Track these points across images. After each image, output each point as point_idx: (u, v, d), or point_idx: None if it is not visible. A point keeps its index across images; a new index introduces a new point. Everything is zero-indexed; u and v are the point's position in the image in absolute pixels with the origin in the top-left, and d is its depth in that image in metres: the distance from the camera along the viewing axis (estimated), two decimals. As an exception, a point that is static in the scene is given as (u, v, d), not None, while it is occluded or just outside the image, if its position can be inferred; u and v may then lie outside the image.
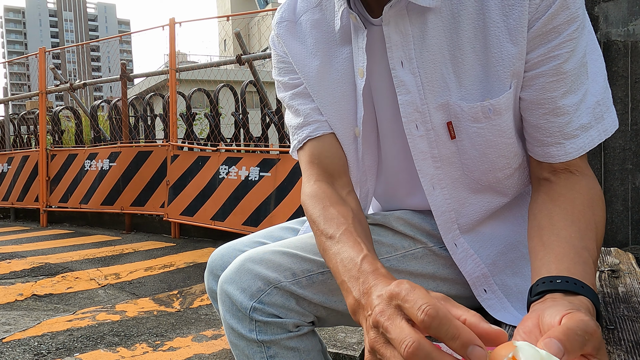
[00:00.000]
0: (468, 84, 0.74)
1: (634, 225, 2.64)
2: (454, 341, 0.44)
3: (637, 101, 2.60)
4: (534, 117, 0.74)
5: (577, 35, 0.69)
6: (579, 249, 0.63)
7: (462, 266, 0.82)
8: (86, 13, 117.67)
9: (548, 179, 0.75)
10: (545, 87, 0.71)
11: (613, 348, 0.78)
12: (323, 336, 2.15)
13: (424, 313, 0.45)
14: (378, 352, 0.49)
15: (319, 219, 0.76)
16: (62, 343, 2.29)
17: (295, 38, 0.88)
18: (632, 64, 2.61)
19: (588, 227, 0.67)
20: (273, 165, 4.34)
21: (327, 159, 0.86)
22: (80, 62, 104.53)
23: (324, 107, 0.86)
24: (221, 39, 37.38)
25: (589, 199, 0.71)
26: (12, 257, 4.27)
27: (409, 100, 0.77)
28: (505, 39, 0.71)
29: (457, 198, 0.81)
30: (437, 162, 0.79)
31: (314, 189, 0.83)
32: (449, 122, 0.77)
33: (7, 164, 7.07)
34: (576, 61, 0.70)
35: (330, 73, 0.85)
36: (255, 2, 40.95)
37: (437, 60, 0.75)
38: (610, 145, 2.64)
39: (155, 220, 5.61)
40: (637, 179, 2.63)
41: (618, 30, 2.64)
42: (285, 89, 0.91)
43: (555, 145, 0.73)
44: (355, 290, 0.60)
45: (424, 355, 0.44)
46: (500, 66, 0.72)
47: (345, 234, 0.70)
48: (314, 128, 0.86)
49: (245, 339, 0.79)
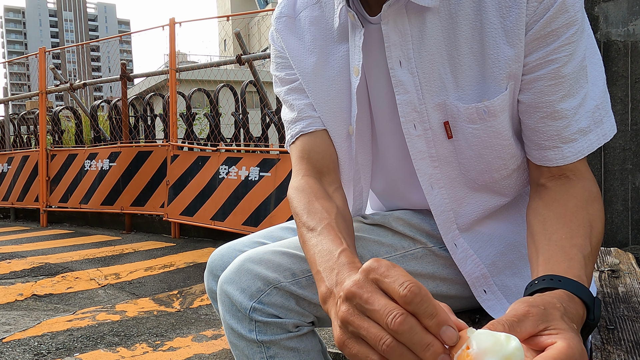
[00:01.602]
0: (465, 84, 0.74)
1: (634, 225, 2.64)
2: (430, 319, 0.44)
3: (637, 101, 2.60)
4: (532, 120, 0.73)
5: (576, 38, 0.69)
6: (566, 249, 0.64)
7: (462, 266, 0.82)
8: (86, 13, 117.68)
9: (544, 185, 0.75)
10: (544, 91, 0.71)
11: (613, 348, 0.78)
12: (323, 336, 2.15)
13: (406, 289, 0.45)
14: (352, 324, 0.48)
15: (303, 211, 0.77)
16: (62, 343, 2.29)
17: (293, 34, 0.89)
18: (632, 64, 2.61)
19: (580, 226, 0.67)
20: (273, 165, 4.34)
21: (317, 155, 0.86)
22: (80, 62, 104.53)
23: (318, 103, 0.86)
24: (221, 39, 37.39)
25: (584, 199, 0.71)
26: (12, 257, 4.27)
27: (407, 99, 0.77)
28: (501, 41, 0.70)
29: (454, 197, 0.81)
30: (435, 162, 0.79)
31: (301, 183, 0.84)
32: (445, 121, 0.77)
33: (7, 164, 7.06)
34: (575, 65, 0.70)
35: (326, 70, 0.85)
36: (255, 2, 40.95)
37: (435, 60, 0.75)
38: (610, 145, 2.64)
39: (155, 220, 5.61)
40: (637, 179, 2.63)
41: (618, 30, 2.64)
42: (281, 83, 0.92)
43: (553, 149, 0.73)
44: (328, 280, 0.60)
45: (409, 328, 0.44)
46: (497, 67, 0.71)
47: (326, 228, 0.70)
48: (307, 124, 0.87)
49: (245, 339, 0.79)
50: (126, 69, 5.85)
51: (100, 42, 7.97)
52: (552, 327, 0.49)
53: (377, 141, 0.88)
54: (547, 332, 0.48)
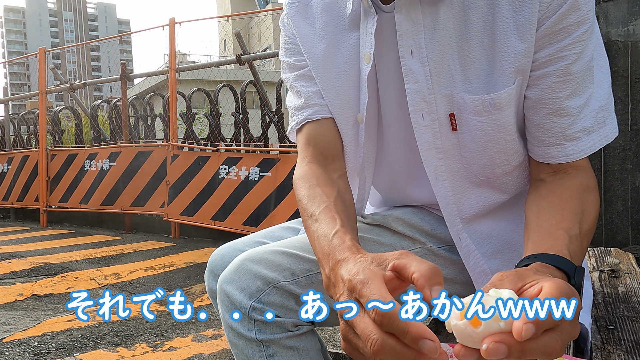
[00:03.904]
0: (473, 77, 0.75)
1: (634, 225, 2.64)
2: (404, 336, 0.46)
3: (637, 101, 2.60)
4: (537, 116, 0.74)
5: (586, 37, 0.70)
6: (553, 231, 0.65)
7: (466, 261, 0.83)
8: (86, 13, 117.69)
9: (543, 180, 0.76)
10: (551, 87, 0.71)
11: (613, 348, 0.78)
12: (323, 336, 2.15)
13: (374, 313, 0.47)
14: (350, 342, 0.51)
15: (304, 197, 0.77)
16: (62, 343, 2.29)
17: (304, 19, 0.89)
18: (632, 64, 2.61)
19: (572, 213, 0.68)
20: (273, 165, 4.34)
21: (322, 142, 0.86)
22: (80, 62, 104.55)
23: (326, 90, 0.86)
24: (221, 39, 37.39)
25: (580, 190, 0.72)
26: (12, 257, 4.27)
27: (417, 89, 0.77)
28: (513, 35, 0.71)
29: (456, 191, 0.82)
30: (440, 153, 0.80)
31: (305, 170, 0.84)
32: (451, 113, 0.77)
33: (7, 164, 7.06)
34: (583, 64, 0.70)
35: (336, 57, 0.85)
36: (255, 2, 40.95)
37: (445, 52, 0.75)
38: (610, 145, 2.64)
39: (155, 220, 5.61)
40: (637, 179, 2.62)
41: (618, 30, 2.64)
42: (290, 69, 0.91)
43: (556, 146, 0.73)
44: (326, 267, 0.62)
45: (390, 350, 0.46)
46: (506, 61, 0.72)
47: (324, 211, 0.71)
48: (314, 111, 0.86)
49: (244, 338, 0.79)
50: (126, 69, 5.85)
51: (100, 42, 7.98)
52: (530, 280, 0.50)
53: (382, 131, 0.88)
54: (529, 285, 0.50)
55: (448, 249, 0.87)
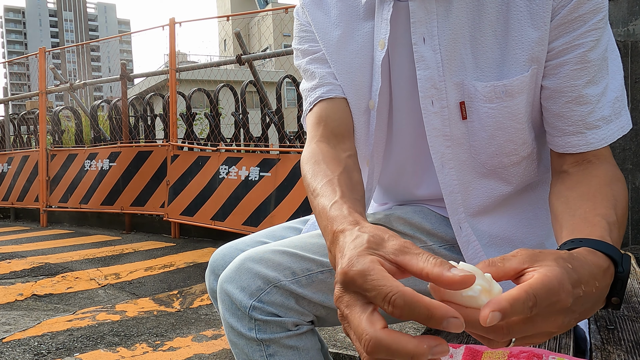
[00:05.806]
0: (485, 65, 0.75)
1: (634, 225, 2.64)
2: (428, 321, 0.42)
3: (637, 101, 2.60)
4: (556, 105, 0.74)
5: (602, 25, 0.70)
6: (590, 218, 0.62)
7: (464, 250, 0.83)
8: (86, 13, 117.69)
9: (567, 171, 0.75)
10: (570, 75, 0.72)
11: (613, 348, 0.78)
12: (323, 336, 2.15)
13: (391, 305, 0.43)
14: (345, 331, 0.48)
15: (308, 174, 0.75)
16: (62, 343, 2.29)
17: (319, 8, 0.90)
18: (632, 64, 2.61)
19: (605, 199, 0.65)
20: (273, 165, 4.34)
21: (334, 122, 0.85)
22: (80, 62, 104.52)
23: (340, 75, 0.86)
24: (221, 39, 37.40)
25: (607, 178, 0.70)
26: (12, 257, 4.27)
27: (428, 75, 0.78)
28: (527, 23, 0.72)
29: (462, 181, 0.82)
30: (448, 141, 0.80)
31: (312, 148, 0.81)
32: (461, 101, 0.77)
33: (7, 164, 7.07)
34: (600, 52, 0.71)
35: (350, 44, 0.86)
36: (255, 2, 40.96)
37: (458, 40, 0.76)
38: (610, 145, 2.64)
39: (155, 220, 5.61)
40: (637, 179, 2.62)
41: (618, 30, 2.64)
42: (303, 55, 0.92)
43: (576, 135, 0.73)
44: (328, 241, 0.59)
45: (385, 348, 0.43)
46: (519, 49, 0.73)
47: (325, 185, 0.69)
48: (327, 90, 0.86)
49: (244, 337, 0.79)
50: (126, 69, 5.85)
51: (100, 42, 7.97)
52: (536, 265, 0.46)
53: (393, 119, 0.88)
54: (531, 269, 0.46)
55: (449, 247, 0.88)
